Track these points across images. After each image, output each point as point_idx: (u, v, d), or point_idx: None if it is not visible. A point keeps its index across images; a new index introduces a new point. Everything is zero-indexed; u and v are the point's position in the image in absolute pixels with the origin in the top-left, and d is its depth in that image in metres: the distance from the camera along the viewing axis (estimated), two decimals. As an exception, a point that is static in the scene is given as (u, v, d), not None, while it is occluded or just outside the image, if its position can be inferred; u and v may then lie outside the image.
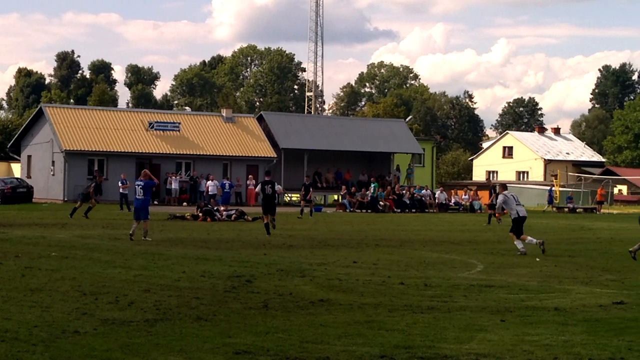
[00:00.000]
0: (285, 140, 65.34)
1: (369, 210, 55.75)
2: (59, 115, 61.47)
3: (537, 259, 22.39)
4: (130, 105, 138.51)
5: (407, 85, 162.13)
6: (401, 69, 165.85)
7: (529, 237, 24.83)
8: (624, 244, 29.16)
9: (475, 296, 14.90)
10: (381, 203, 56.78)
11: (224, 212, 40.13)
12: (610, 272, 19.46)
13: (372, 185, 59.17)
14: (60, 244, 24.26)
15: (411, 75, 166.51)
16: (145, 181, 27.42)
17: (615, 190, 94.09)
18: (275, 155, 63.86)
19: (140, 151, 60.47)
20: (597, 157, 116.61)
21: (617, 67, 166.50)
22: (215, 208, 40.91)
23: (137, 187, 27.49)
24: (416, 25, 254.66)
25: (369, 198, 57.19)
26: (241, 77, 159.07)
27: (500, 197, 25.52)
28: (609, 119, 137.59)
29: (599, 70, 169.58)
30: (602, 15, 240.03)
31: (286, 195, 65.05)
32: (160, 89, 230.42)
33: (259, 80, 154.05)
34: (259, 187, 31.08)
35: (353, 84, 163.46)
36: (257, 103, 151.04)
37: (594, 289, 16.23)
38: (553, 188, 74.34)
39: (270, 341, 10.57)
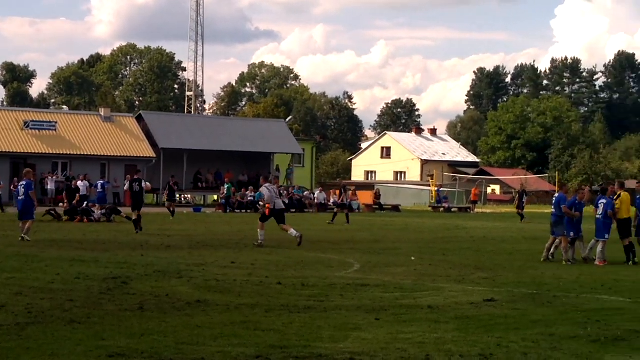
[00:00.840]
0: (164, 140, 64.77)
1: (248, 211, 55.73)
2: None
3: (413, 258, 22.74)
4: (5, 104, 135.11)
5: (288, 85, 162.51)
6: (282, 70, 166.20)
7: (292, 230, 26.29)
8: (497, 243, 29.94)
9: (351, 295, 15.05)
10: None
11: (98, 212, 39.57)
12: (482, 270, 19.91)
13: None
14: None
15: (292, 75, 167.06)
16: (27, 181, 27.23)
17: (489, 190, 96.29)
18: (155, 155, 63.27)
19: (15, 151, 59.18)
20: (471, 158, 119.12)
21: (492, 70, 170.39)
22: (85, 205, 40.49)
23: (20, 187, 27.31)
24: (297, 26, 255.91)
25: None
26: (120, 76, 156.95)
27: (264, 190, 26.61)
28: (484, 120, 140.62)
29: (474, 72, 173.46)
30: (478, 19, 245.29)
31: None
32: (37, 88, 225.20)
33: (138, 80, 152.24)
34: (127, 184, 33.06)
35: (234, 84, 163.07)
36: (137, 102, 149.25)
37: (466, 287, 16.58)
38: (441, 189, 75.61)
39: (145, 343, 10.50)
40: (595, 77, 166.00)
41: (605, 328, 11.86)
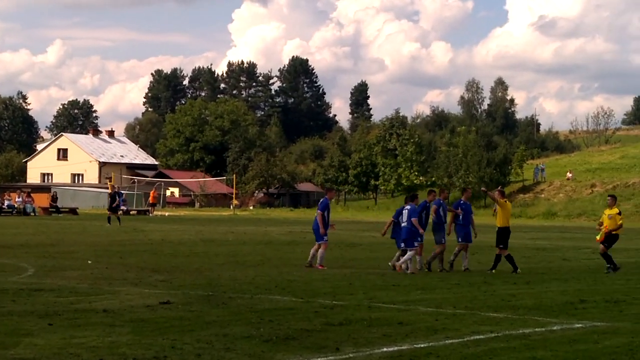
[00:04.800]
0: None
1: None
2: None
3: (89, 262, 22.41)
4: None
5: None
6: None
7: None
8: (174, 245, 30.10)
9: (24, 300, 14.58)
10: None
11: None
12: (159, 273, 19.94)
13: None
14: None
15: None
16: None
17: (168, 193, 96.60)
18: None
19: None
20: (150, 160, 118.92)
21: (169, 72, 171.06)
22: None
23: None
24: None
25: None
26: None
27: None
28: (162, 123, 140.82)
29: (152, 74, 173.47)
30: (156, 21, 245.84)
31: None
32: None
33: None
34: None
35: None
36: None
37: (143, 289, 16.53)
38: (122, 192, 74.68)
39: None
40: (271, 81, 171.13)
41: (277, 327, 12.20)
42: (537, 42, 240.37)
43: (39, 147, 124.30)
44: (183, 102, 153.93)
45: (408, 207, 21.81)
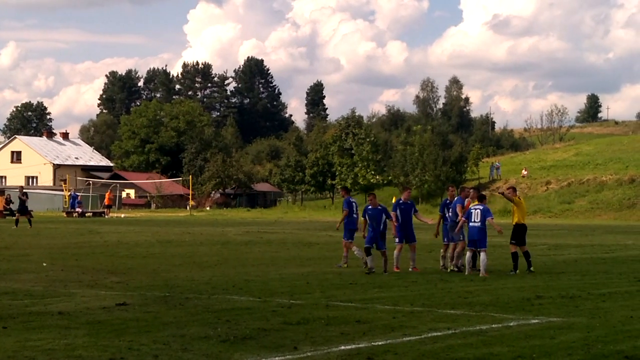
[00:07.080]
0: None
1: None
2: None
3: (45, 264, 22.22)
4: None
5: None
6: None
7: None
8: (130, 247, 29.92)
9: (-23, 305, 14.42)
10: None
11: None
12: (115, 274, 19.80)
13: None
14: None
15: None
16: None
17: (124, 194, 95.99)
18: None
19: None
20: (105, 162, 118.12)
21: (124, 74, 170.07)
22: None
23: None
24: None
25: None
26: None
27: None
28: (117, 124, 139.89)
29: (106, 76, 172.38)
30: (111, 22, 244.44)
31: None
32: None
33: None
34: None
35: None
36: None
37: (99, 291, 16.40)
38: (78, 194, 74.15)
39: None
40: (227, 82, 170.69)
41: (235, 327, 12.16)
42: (492, 41, 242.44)
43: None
44: (138, 103, 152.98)
45: (480, 207, 21.43)
